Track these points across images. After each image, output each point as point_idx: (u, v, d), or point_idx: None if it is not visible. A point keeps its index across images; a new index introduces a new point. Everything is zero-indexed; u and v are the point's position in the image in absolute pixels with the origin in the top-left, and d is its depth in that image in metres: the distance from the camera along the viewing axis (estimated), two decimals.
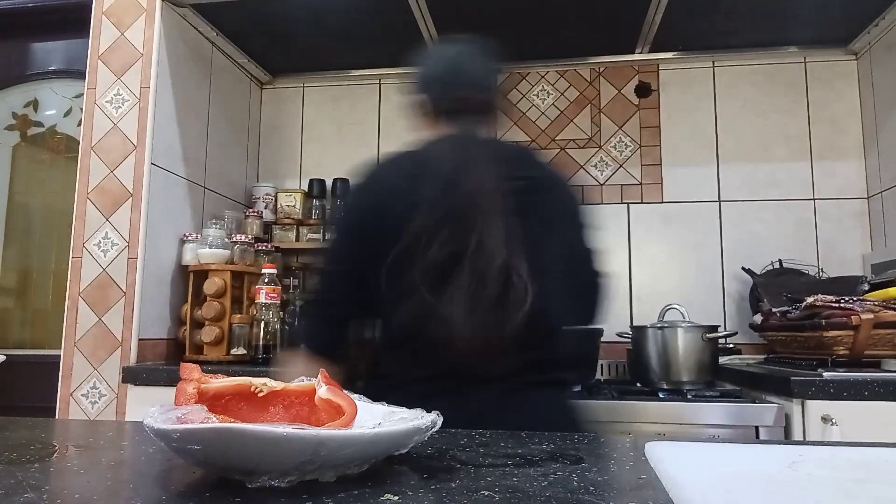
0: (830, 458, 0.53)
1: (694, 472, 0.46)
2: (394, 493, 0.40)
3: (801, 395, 1.36)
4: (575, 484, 0.43)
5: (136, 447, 0.57)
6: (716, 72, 2.28)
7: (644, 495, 0.40)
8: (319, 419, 0.49)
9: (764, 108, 2.24)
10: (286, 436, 0.39)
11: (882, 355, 1.47)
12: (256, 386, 0.51)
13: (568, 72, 2.34)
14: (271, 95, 2.53)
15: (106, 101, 1.88)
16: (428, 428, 0.46)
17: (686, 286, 2.18)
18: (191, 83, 2.05)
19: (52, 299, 2.28)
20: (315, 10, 1.97)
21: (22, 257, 2.33)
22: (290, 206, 2.31)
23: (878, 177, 2.09)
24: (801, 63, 2.24)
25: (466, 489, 0.41)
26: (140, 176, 1.83)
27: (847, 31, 2.09)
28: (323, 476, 0.43)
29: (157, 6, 1.89)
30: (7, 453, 0.51)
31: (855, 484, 0.45)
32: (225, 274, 1.86)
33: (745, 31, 2.09)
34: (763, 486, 0.43)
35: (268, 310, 1.85)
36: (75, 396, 1.77)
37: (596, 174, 2.29)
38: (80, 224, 1.84)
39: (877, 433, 1.31)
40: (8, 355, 1.76)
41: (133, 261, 1.79)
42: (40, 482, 0.43)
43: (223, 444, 0.39)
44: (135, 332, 1.76)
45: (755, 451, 0.55)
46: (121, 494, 0.42)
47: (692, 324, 1.66)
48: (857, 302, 1.51)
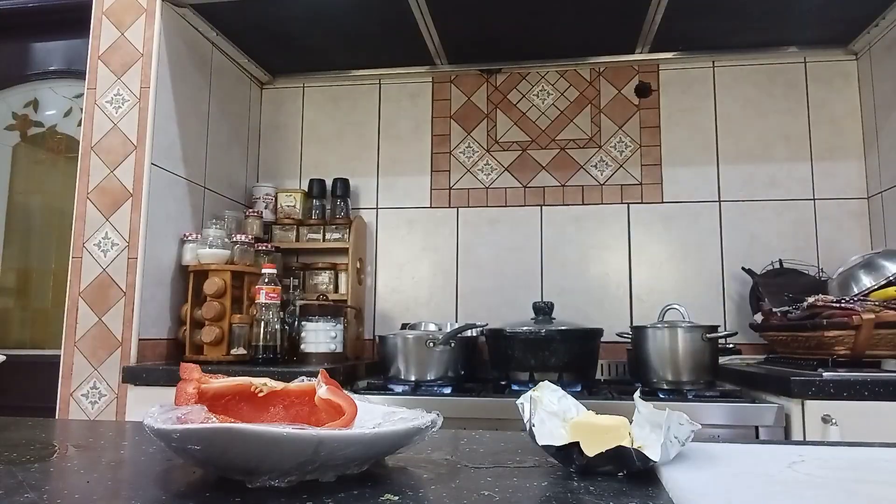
0: (830, 458, 0.53)
1: (694, 472, 0.46)
2: (394, 493, 0.40)
3: (801, 395, 1.36)
4: (575, 484, 0.43)
5: (136, 447, 0.57)
6: (716, 72, 2.28)
7: (644, 495, 0.40)
8: (319, 419, 0.49)
9: (764, 108, 2.24)
10: (286, 436, 0.39)
11: (882, 355, 1.47)
12: (256, 386, 0.51)
13: (568, 72, 2.34)
14: (271, 95, 2.53)
15: (106, 101, 1.88)
16: (428, 428, 0.46)
17: (686, 286, 2.18)
18: (191, 83, 2.05)
19: (52, 299, 2.28)
20: (315, 10, 1.97)
21: (22, 257, 2.33)
22: (290, 206, 2.31)
23: (878, 177, 2.09)
24: (801, 63, 2.24)
25: (466, 489, 0.41)
26: (140, 176, 1.83)
27: (847, 31, 2.09)
28: (323, 476, 0.43)
29: (157, 6, 1.89)
30: (7, 453, 0.51)
31: (855, 484, 0.45)
32: (225, 274, 1.86)
33: (745, 31, 2.09)
34: (763, 486, 0.43)
35: (268, 310, 1.85)
36: (75, 396, 1.77)
37: (596, 174, 2.29)
38: (80, 224, 1.84)
39: (877, 433, 1.31)
40: (8, 355, 1.76)
41: (133, 261, 1.79)
42: (40, 482, 0.43)
43: (223, 444, 0.39)
44: (135, 332, 1.76)
45: (755, 451, 0.55)
46: (121, 494, 0.42)
47: (692, 324, 1.66)
48: (858, 302, 1.51)
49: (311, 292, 2.23)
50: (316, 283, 2.28)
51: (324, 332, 1.85)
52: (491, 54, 2.30)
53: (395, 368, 1.74)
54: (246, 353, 1.85)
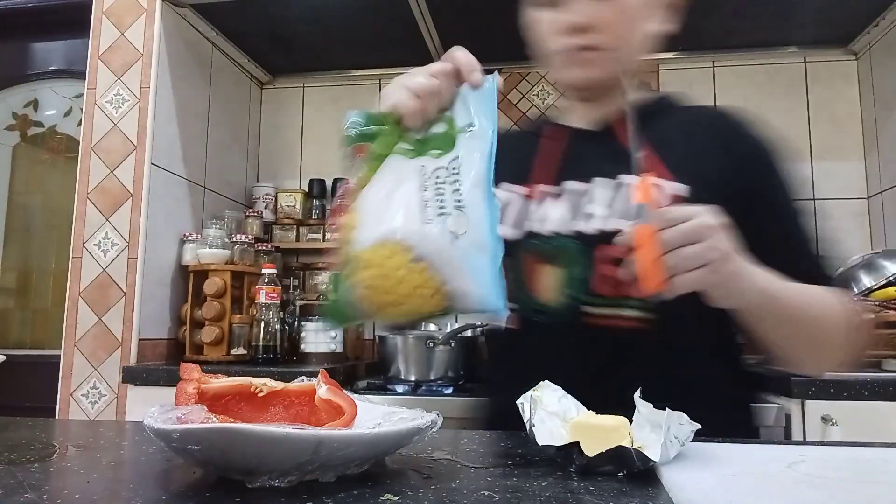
0: (830, 458, 0.53)
1: (694, 472, 0.46)
2: (394, 493, 0.40)
3: (801, 395, 1.36)
4: (575, 484, 0.43)
5: (136, 447, 0.57)
6: (716, 72, 2.28)
7: (644, 495, 0.40)
8: (320, 419, 0.49)
9: (764, 108, 2.24)
10: (286, 436, 0.39)
11: (882, 355, 1.47)
12: (256, 386, 0.51)
13: None
14: (271, 95, 2.53)
15: (106, 101, 1.88)
16: (428, 428, 0.46)
17: None
18: (191, 83, 2.05)
19: (52, 299, 2.28)
20: (315, 10, 1.97)
21: (22, 257, 2.33)
22: (290, 206, 2.31)
23: (878, 177, 2.09)
24: (801, 63, 2.24)
25: (466, 489, 0.41)
26: (140, 176, 1.83)
27: (847, 31, 2.09)
28: (323, 476, 0.43)
29: (157, 6, 1.89)
30: (7, 453, 0.51)
31: (855, 484, 0.45)
32: (225, 274, 1.86)
33: (745, 31, 2.09)
34: (763, 487, 0.43)
35: (268, 310, 1.85)
36: (75, 396, 1.77)
37: None
38: (80, 224, 1.84)
39: (877, 433, 1.31)
40: (8, 355, 1.77)
41: (133, 261, 1.79)
42: (40, 482, 0.43)
43: (223, 444, 0.39)
44: (135, 332, 1.76)
45: (755, 451, 0.55)
46: (121, 494, 0.42)
47: None
48: (858, 302, 1.51)
49: (311, 292, 2.23)
50: (316, 283, 2.28)
51: (324, 332, 1.85)
52: (491, 54, 2.29)
53: (396, 368, 1.74)
54: (246, 353, 1.85)
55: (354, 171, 0.68)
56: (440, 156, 0.65)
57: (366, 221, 0.62)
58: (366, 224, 0.62)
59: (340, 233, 0.63)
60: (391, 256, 0.59)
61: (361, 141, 0.69)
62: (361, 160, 0.68)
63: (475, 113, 0.67)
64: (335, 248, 0.64)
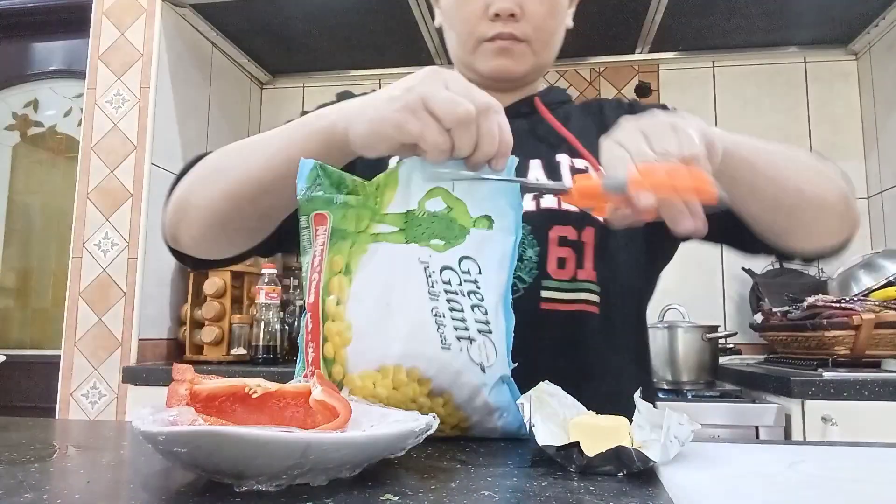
0: (830, 458, 0.53)
1: (694, 472, 0.46)
2: (393, 494, 0.40)
3: (801, 395, 1.36)
4: (575, 484, 0.43)
5: (136, 447, 0.57)
6: (716, 72, 2.28)
7: (644, 495, 0.40)
8: (315, 421, 0.49)
9: (764, 108, 2.24)
10: (272, 438, 0.38)
11: (882, 355, 1.47)
12: (250, 387, 0.50)
13: (568, 72, 2.34)
14: (271, 95, 2.52)
15: (106, 101, 1.88)
16: (422, 431, 0.45)
17: (686, 286, 2.18)
18: (191, 83, 2.05)
19: (52, 299, 2.28)
20: (315, 10, 1.97)
21: (22, 257, 2.33)
22: None
23: (878, 177, 2.09)
24: (801, 63, 2.24)
25: (466, 489, 0.41)
26: (140, 176, 1.83)
27: (847, 31, 2.09)
28: (314, 480, 0.41)
29: (157, 6, 1.89)
30: (7, 453, 0.51)
31: (855, 484, 0.45)
32: (225, 274, 1.86)
33: (745, 31, 2.09)
34: (763, 487, 0.43)
35: (268, 310, 1.85)
36: (75, 396, 1.77)
37: None
38: (80, 224, 1.84)
39: (877, 433, 1.31)
40: (8, 355, 1.76)
41: (133, 261, 1.79)
42: (40, 482, 0.43)
43: (209, 446, 0.38)
44: (135, 332, 1.76)
45: (755, 451, 0.55)
46: (121, 494, 0.42)
47: (692, 324, 1.66)
48: (858, 302, 1.51)
49: None
50: None
51: None
52: None
53: None
54: (246, 354, 1.85)
55: (315, 251, 0.54)
56: (445, 248, 0.52)
57: (363, 333, 0.52)
58: (363, 337, 0.52)
59: (330, 343, 0.53)
60: (398, 388, 0.52)
61: (324, 209, 0.53)
62: (321, 236, 0.53)
63: (495, 200, 0.53)
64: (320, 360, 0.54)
